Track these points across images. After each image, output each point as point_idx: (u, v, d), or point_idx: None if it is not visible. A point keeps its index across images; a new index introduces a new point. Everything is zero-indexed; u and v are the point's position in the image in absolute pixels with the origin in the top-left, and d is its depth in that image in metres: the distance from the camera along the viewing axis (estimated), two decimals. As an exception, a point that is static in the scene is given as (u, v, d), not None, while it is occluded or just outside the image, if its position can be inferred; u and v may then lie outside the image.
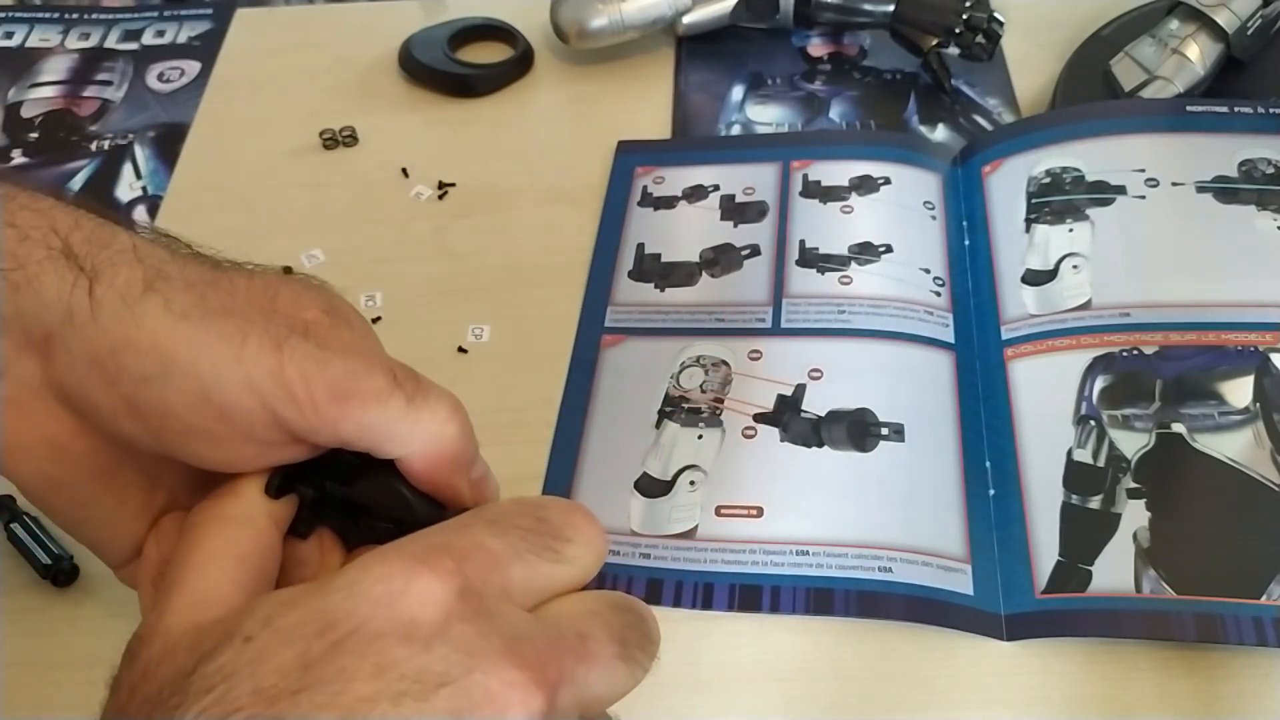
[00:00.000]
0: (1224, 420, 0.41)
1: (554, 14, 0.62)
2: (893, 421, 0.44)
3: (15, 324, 0.25)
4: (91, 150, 0.61)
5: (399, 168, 0.59)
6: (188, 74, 0.66)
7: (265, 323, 0.25)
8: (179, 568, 0.24)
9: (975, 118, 0.59)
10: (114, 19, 0.71)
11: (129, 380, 0.24)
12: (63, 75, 0.66)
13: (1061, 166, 0.51)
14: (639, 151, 0.58)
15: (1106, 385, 0.43)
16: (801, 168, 0.55)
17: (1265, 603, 0.36)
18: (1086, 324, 0.45)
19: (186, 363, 0.24)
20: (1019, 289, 0.48)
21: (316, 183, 0.59)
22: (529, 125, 0.62)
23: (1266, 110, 0.52)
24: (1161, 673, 0.37)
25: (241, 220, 0.57)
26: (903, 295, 0.48)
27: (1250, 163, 0.50)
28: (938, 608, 0.39)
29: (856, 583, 0.39)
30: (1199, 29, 0.54)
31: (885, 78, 0.62)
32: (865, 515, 0.41)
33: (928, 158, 0.55)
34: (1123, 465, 0.41)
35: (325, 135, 0.61)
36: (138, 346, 0.24)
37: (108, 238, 0.26)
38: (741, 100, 0.62)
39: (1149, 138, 0.52)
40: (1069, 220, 0.49)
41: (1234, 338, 0.43)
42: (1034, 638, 0.38)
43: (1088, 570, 0.39)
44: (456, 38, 0.65)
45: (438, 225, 0.56)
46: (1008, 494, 0.42)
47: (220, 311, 0.25)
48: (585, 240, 0.54)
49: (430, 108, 0.63)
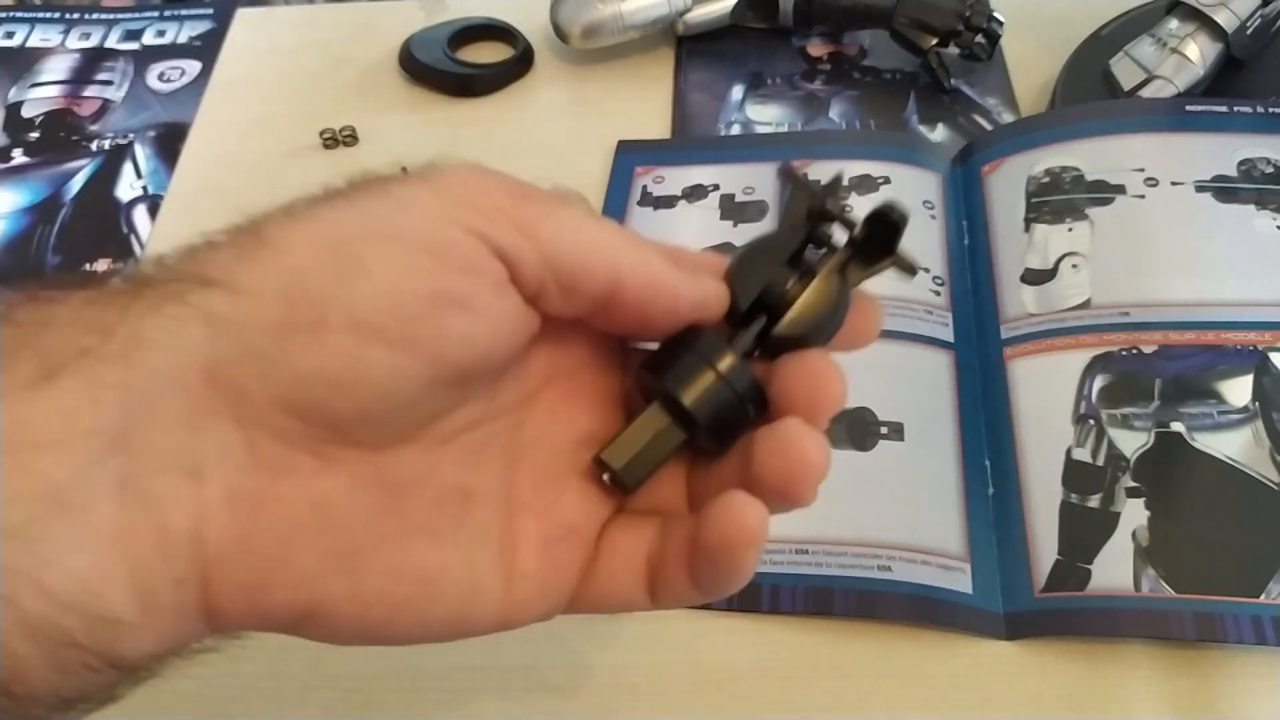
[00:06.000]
0: (1223, 419, 0.41)
1: (554, 14, 0.63)
2: (892, 420, 0.44)
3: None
4: (92, 150, 0.62)
5: (399, 167, 0.58)
6: (188, 74, 0.66)
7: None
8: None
9: (975, 117, 0.59)
10: (115, 19, 0.71)
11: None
12: (63, 75, 0.67)
13: (1061, 166, 0.51)
14: (639, 151, 0.58)
15: (1106, 384, 0.43)
16: (801, 167, 0.55)
17: (1264, 601, 0.37)
18: (1086, 323, 0.45)
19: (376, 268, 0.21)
20: (1018, 288, 0.48)
21: (316, 183, 0.58)
22: (529, 125, 0.62)
23: (1266, 110, 0.52)
24: (1161, 672, 0.37)
25: (241, 220, 0.57)
26: (902, 294, 0.48)
27: (1249, 162, 0.50)
28: (937, 606, 0.39)
29: (856, 582, 0.39)
30: (1198, 28, 0.54)
31: (885, 78, 0.62)
32: (864, 514, 0.41)
33: (927, 157, 0.55)
34: (1122, 464, 0.41)
35: (325, 135, 0.61)
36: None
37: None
38: (741, 100, 0.62)
39: (1148, 137, 0.52)
40: (1068, 219, 0.49)
41: (1233, 337, 0.43)
42: (1033, 637, 0.38)
43: (1087, 569, 0.39)
44: (456, 38, 0.65)
45: (438, 225, 0.56)
46: (1007, 493, 0.42)
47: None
48: (585, 240, 0.54)
49: (430, 108, 0.63)
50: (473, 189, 0.23)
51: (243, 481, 0.21)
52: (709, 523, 0.23)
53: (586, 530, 0.26)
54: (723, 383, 0.24)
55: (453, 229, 0.22)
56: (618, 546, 0.26)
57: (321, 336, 0.20)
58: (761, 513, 0.23)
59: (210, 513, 0.20)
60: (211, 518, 0.20)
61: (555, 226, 0.23)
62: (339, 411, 0.21)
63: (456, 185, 0.23)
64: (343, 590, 0.22)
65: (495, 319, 0.23)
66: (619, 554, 0.26)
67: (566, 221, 0.23)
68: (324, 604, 0.22)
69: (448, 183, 0.23)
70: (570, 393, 0.27)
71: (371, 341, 0.21)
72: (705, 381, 0.24)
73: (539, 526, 0.25)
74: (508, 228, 0.22)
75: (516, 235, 0.22)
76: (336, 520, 0.22)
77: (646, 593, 0.25)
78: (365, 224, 0.22)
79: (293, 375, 0.20)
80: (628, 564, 0.25)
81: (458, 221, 0.22)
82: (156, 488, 0.19)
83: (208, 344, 0.20)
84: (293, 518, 0.21)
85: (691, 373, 0.24)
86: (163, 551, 0.19)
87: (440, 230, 0.22)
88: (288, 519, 0.21)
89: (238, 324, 0.20)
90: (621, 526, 0.26)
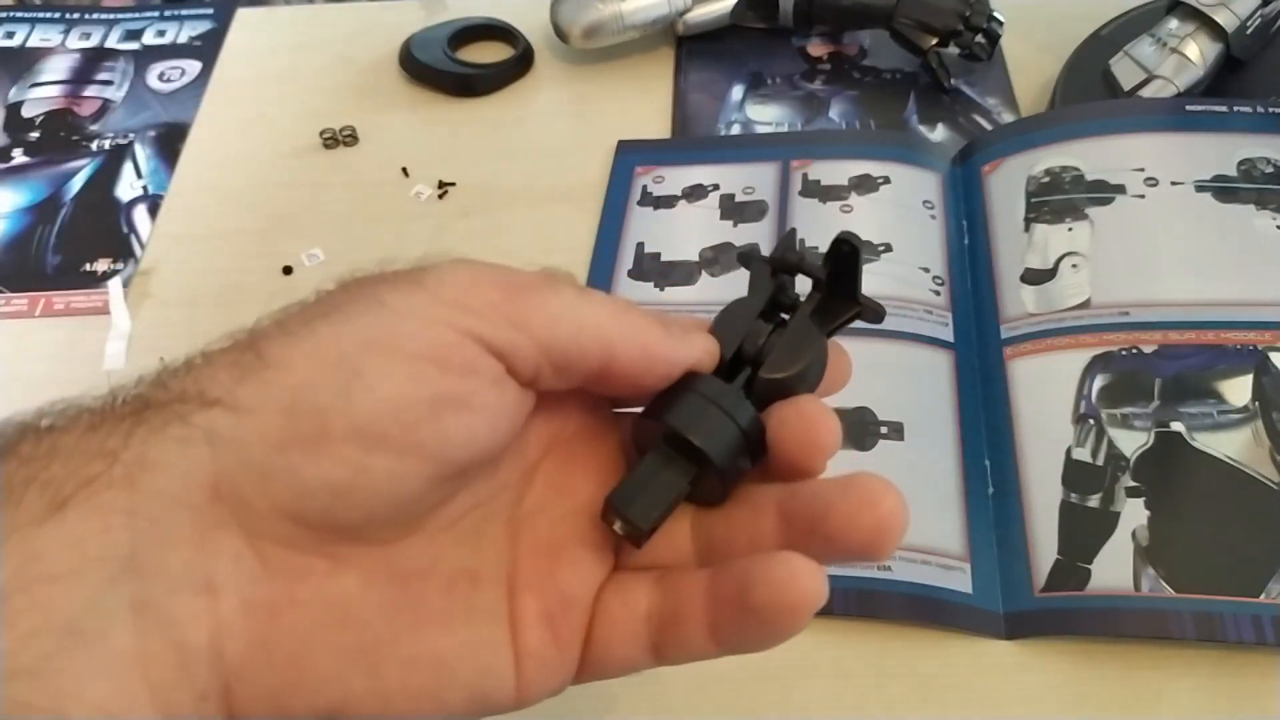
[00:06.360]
0: (1223, 419, 0.41)
1: (554, 14, 0.63)
2: (892, 420, 0.44)
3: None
4: (92, 150, 0.62)
5: (399, 167, 0.59)
6: (188, 74, 0.66)
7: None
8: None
9: (975, 117, 0.59)
10: (115, 19, 0.71)
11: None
12: (64, 75, 0.67)
13: (1061, 166, 0.51)
14: (639, 151, 0.58)
15: (1105, 384, 0.43)
16: (801, 167, 0.55)
17: (1264, 601, 0.37)
18: (1085, 323, 0.45)
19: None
20: (1018, 288, 0.48)
21: (316, 182, 0.59)
22: (529, 125, 0.62)
23: (1266, 110, 0.52)
24: (1160, 671, 0.37)
25: (241, 220, 0.57)
26: (902, 294, 0.48)
27: (1249, 162, 0.50)
28: (937, 606, 0.39)
29: (855, 581, 0.39)
30: (1198, 28, 0.54)
31: (885, 77, 0.62)
32: (864, 514, 0.41)
33: (927, 157, 0.55)
34: (1122, 464, 0.41)
35: (325, 135, 0.61)
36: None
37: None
38: (741, 100, 0.62)
39: (1148, 137, 0.52)
40: (1068, 219, 0.49)
41: (1233, 336, 0.43)
42: (1033, 636, 0.38)
43: (1086, 569, 0.39)
44: (456, 38, 0.65)
45: (438, 225, 0.56)
46: (1007, 493, 0.42)
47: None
48: (585, 240, 0.54)
49: (430, 107, 0.63)
50: (464, 288, 0.23)
51: (257, 590, 0.21)
52: (759, 584, 0.22)
53: (584, 599, 0.26)
54: (727, 417, 0.25)
55: (448, 333, 0.22)
56: (611, 610, 0.26)
57: (324, 447, 0.21)
58: (819, 576, 0.22)
59: (227, 625, 0.20)
60: (229, 630, 0.20)
61: (546, 314, 0.23)
62: (345, 517, 0.22)
63: (448, 287, 0.23)
64: (364, 687, 0.22)
65: (496, 414, 0.23)
66: (612, 618, 0.26)
67: (557, 307, 0.23)
68: (347, 703, 0.22)
69: (439, 284, 0.23)
70: (567, 462, 0.27)
71: (375, 449, 0.21)
72: (710, 417, 0.24)
73: (538, 602, 0.25)
74: (502, 324, 0.23)
75: (511, 330, 0.23)
76: (353, 618, 0.22)
77: (649, 652, 0.25)
78: (362, 336, 0.22)
79: (296, 486, 0.21)
80: (625, 627, 0.25)
81: (452, 325, 0.22)
82: (172, 607, 0.20)
83: (211, 461, 0.20)
84: (310, 620, 0.22)
85: (695, 410, 0.25)
86: (183, 669, 0.20)
87: (436, 336, 0.22)
88: (305, 622, 0.22)
89: (240, 441, 0.21)
90: (613, 589, 0.26)
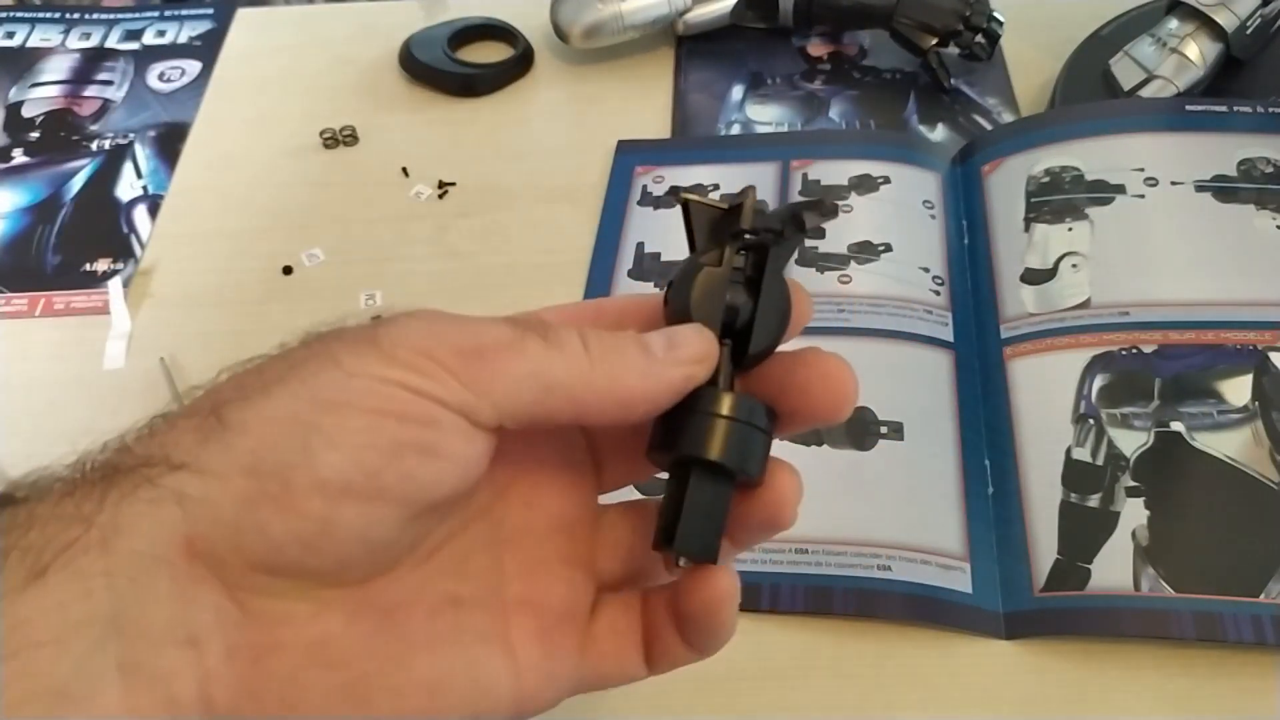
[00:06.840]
0: (1222, 419, 0.41)
1: (554, 14, 0.63)
2: (892, 420, 0.44)
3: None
4: (92, 150, 0.62)
5: (399, 167, 0.59)
6: (188, 73, 0.66)
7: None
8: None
9: (974, 117, 0.59)
10: (115, 19, 0.71)
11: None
12: (64, 75, 0.67)
13: (1061, 166, 0.51)
14: (639, 151, 0.58)
15: (1105, 384, 0.43)
16: (801, 167, 0.55)
17: (1264, 601, 0.37)
18: (1085, 323, 0.45)
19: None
20: (1018, 288, 0.48)
21: (316, 182, 0.59)
22: (529, 125, 0.62)
23: (1265, 110, 0.52)
24: (1160, 671, 0.37)
25: (241, 220, 0.57)
26: (902, 294, 0.48)
27: (1249, 162, 0.50)
28: (936, 606, 0.39)
29: (855, 581, 0.39)
30: (1198, 28, 0.54)
31: (885, 77, 0.62)
32: (864, 513, 0.41)
33: (927, 157, 0.55)
34: (1121, 464, 0.41)
35: (325, 135, 0.61)
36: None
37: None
38: (741, 100, 0.62)
39: (1148, 137, 0.52)
40: (1068, 219, 0.49)
41: (1233, 336, 0.43)
42: (1033, 636, 0.38)
43: (1086, 568, 0.39)
44: (456, 37, 0.65)
45: (438, 224, 0.56)
46: (1006, 492, 0.42)
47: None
48: (585, 239, 0.54)
49: (430, 107, 0.63)
50: (419, 350, 0.22)
51: (240, 638, 0.21)
52: (685, 593, 0.25)
53: (580, 613, 0.26)
54: (738, 424, 0.25)
55: (403, 393, 0.22)
56: (611, 621, 0.27)
57: (290, 502, 0.21)
58: (730, 573, 0.25)
59: (214, 674, 0.21)
60: (216, 679, 0.21)
61: (508, 380, 0.23)
62: (318, 565, 0.22)
63: (403, 348, 0.22)
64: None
65: (464, 460, 0.23)
66: (612, 629, 0.26)
67: (519, 369, 0.23)
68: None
69: (393, 345, 0.22)
70: (541, 480, 0.27)
71: (341, 499, 0.21)
72: (723, 431, 0.24)
73: (533, 619, 0.25)
74: (456, 388, 0.22)
75: (467, 394, 0.22)
76: (338, 656, 0.23)
77: (644, 663, 0.26)
78: (317, 397, 0.22)
79: (267, 541, 0.21)
80: (623, 638, 0.26)
81: (407, 387, 0.22)
82: (157, 663, 0.20)
83: (183, 521, 0.21)
84: (295, 662, 0.22)
85: (706, 430, 0.24)
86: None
87: (391, 394, 0.22)
88: (290, 664, 0.22)
89: (209, 501, 0.21)
90: (611, 601, 0.27)
